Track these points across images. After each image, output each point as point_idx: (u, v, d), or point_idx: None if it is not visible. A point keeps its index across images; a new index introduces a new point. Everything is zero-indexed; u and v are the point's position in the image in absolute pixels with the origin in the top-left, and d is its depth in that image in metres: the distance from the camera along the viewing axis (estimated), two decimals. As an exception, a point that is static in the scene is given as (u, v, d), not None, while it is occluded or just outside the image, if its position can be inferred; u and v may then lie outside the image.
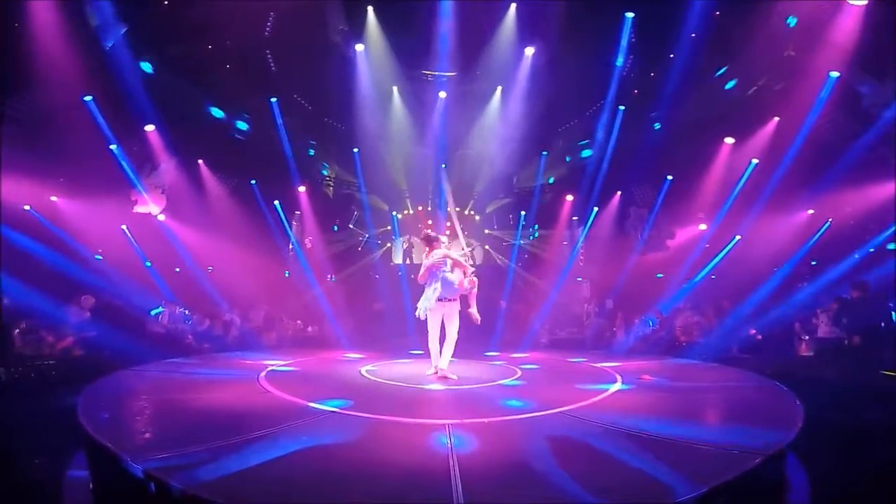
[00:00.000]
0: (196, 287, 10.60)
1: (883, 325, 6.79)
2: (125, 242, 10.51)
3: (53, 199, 9.52)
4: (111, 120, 9.09)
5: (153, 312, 8.99)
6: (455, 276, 5.99)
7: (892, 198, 8.21)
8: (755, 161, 10.29)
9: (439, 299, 5.92)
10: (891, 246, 8.73)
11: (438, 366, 5.96)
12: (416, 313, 5.98)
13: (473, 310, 6.12)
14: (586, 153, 12.64)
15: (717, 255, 11.17)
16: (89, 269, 9.33)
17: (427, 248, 6.16)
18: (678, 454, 3.20)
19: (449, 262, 6.02)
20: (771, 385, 5.45)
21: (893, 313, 7.13)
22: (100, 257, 9.68)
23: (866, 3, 7.70)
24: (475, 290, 6.09)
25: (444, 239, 6.48)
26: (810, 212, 10.35)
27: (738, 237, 10.89)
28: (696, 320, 9.38)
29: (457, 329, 6.10)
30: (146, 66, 9.31)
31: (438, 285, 5.90)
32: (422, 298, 5.96)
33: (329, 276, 12.82)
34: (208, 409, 4.39)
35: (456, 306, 6.11)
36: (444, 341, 6.07)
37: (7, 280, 7.15)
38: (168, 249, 10.76)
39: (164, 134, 10.04)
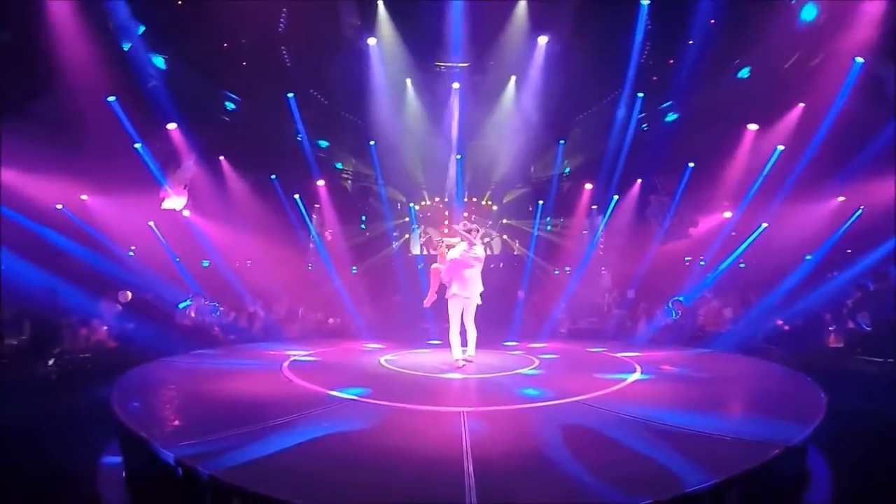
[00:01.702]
0: (221, 280, 10.89)
1: None
2: (153, 238, 10.85)
3: (84, 197, 9.88)
4: (135, 119, 9.36)
5: (181, 305, 9.26)
6: (472, 273, 6.12)
7: None
8: (781, 147, 9.97)
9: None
10: None
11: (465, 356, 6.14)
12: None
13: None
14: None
15: (742, 244, 10.92)
16: (120, 265, 9.69)
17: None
18: (694, 444, 3.19)
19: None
20: (794, 375, 5.35)
21: None
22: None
23: None
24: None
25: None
26: (841, 199, 9.99)
27: (764, 225, 10.61)
28: (720, 309, 9.20)
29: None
30: (159, 62, 9.53)
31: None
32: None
33: (351, 267, 13.02)
34: (234, 397, 4.55)
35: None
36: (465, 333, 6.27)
37: (44, 276, 7.49)
38: (194, 244, 11.07)
39: (185, 132, 10.29)
